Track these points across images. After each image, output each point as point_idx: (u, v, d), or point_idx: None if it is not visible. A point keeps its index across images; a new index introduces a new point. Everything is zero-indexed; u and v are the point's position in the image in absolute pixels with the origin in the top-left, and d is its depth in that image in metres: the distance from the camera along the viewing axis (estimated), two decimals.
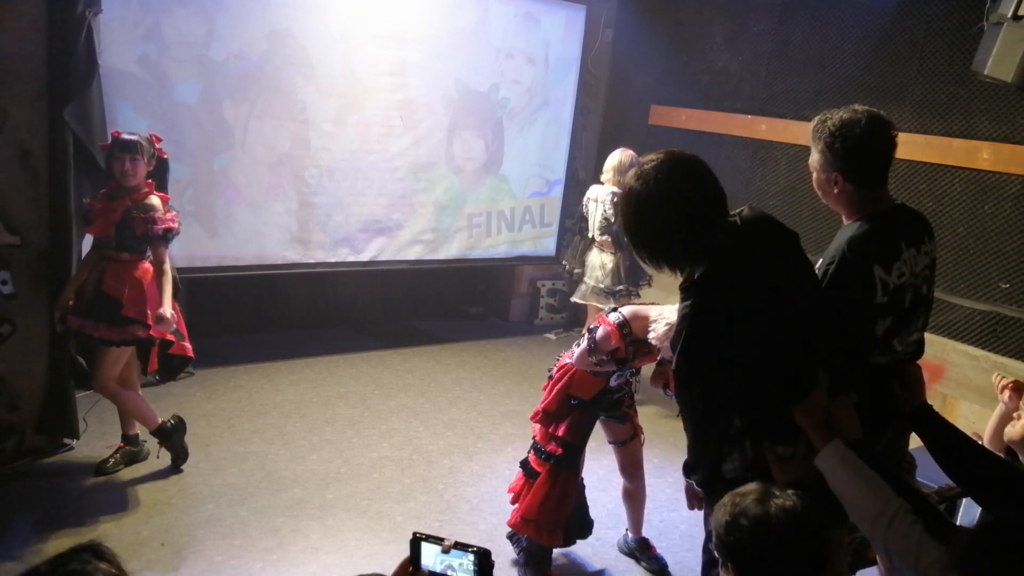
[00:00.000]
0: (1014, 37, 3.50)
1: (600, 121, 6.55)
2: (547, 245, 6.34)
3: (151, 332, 3.42)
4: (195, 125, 4.61)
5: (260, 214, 4.95)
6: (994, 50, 3.57)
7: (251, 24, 4.63)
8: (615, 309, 2.91)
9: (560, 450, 2.95)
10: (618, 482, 3.34)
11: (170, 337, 3.52)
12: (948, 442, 1.92)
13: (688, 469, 2.06)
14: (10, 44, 3.39)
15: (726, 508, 1.50)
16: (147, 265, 3.44)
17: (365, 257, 5.43)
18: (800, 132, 4.99)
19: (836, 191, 2.17)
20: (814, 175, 2.25)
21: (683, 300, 1.91)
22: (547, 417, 3.02)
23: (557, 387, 3.01)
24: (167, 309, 3.38)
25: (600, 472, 3.86)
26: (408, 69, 5.24)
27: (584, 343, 2.90)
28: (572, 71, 6.06)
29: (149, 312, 3.39)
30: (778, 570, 1.45)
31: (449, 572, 1.35)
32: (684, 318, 1.89)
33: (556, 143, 6.16)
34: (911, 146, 4.06)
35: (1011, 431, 1.99)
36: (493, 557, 1.35)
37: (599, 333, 2.84)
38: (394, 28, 5.11)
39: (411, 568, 1.37)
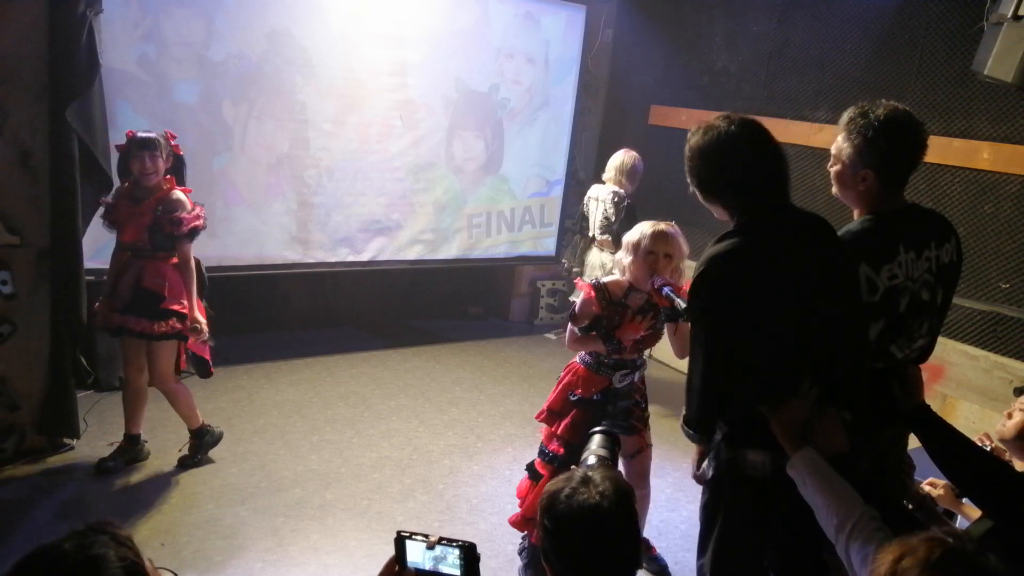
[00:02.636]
0: (1014, 37, 3.50)
1: (600, 121, 6.55)
2: (547, 245, 6.35)
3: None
4: (195, 125, 4.61)
5: (260, 214, 4.95)
6: (994, 50, 3.56)
7: (251, 24, 4.63)
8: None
9: (562, 450, 2.94)
10: None
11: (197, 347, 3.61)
12: (945, 442, 1.92)
13: (686, 422, 2.05)
14: (11, 44, 3.40)
15: (544, 497, 1.46)
16: (176, 259, 3.52)
17: (365, 257, 5.43)
18: (800, 132, 4.99)
19: (861, 188, 2.12)
20: (836, 167, 2.18)
21: (713, 243, 1.97)
22: (551, 415, 3.04)
23: (560, 385, 3.05)
24: (199, 315, 3.50)
25: None
26: (408, 69, 5.24)
27: (568, 321, 2.98)
28: (572, 71, 6.06)
29: (187, 304, 3.48)
30: (574, 565, 1.41)
31: (437, 568, 1.35)
32: (704, 260, 1.94)
33: (556, 143, 6.16)
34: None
35: (1003, 430, 1.98)
36: (491, 556, 1.36)
37: (580, 297, 2.94)
38: (394, 28, 5.11)
39: (397, 567, 1.38)
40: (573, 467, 1.56)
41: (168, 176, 3.46)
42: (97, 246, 4.22)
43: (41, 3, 3.46)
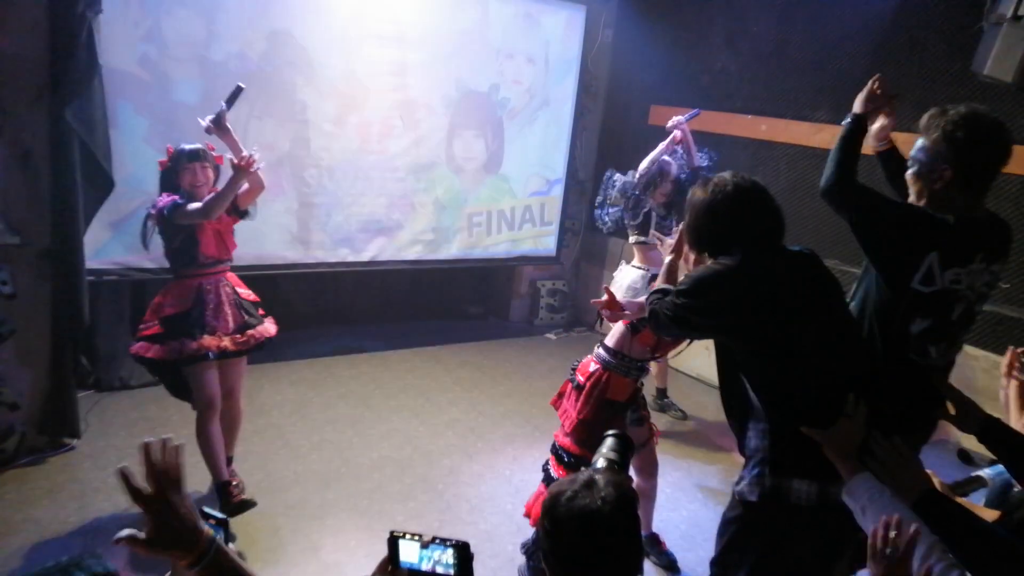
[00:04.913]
0: (1014, 37, 3.50)
1: (600, 121, 6.55)
2: (547, 244, 6.35)
3: None
4: (195, 125, 4.58)
5: (260, 214, 4.91)
6: (994, 50, 3.57)
7: (251, 24, 4.63)
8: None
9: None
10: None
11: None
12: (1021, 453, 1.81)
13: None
14: (11, 44, 3.40)
15: (547, 498, 1.44)
16: None
17: (365, 257, 5.43)
18: (800, 132, 4.99)
19: (938, 186, 2.06)
20: (914, 167, 2.13)
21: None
22: (586, 428, 2.86)
23: (592, 395, 2.89)
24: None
25: None
26: (408, 69, 5.24)
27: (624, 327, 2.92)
28: (572, 71, 6.06)
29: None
30: (571, 568, 1.40)
31: (431, 568, 1.35)
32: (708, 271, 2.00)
33: (556, 143, 6.16)
34: (912, 146, 4.07)
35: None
36: (491, 556, 1.36)
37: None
38: (394, 28, 5.11)
39: (389, 567, 1.38)
40: (582, 467, 1.55)
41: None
42: (97, 246, 4.23)
43: (41, 3, 3.47)
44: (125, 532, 1.11)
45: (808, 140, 4.91)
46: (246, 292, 3.43)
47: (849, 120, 2.30)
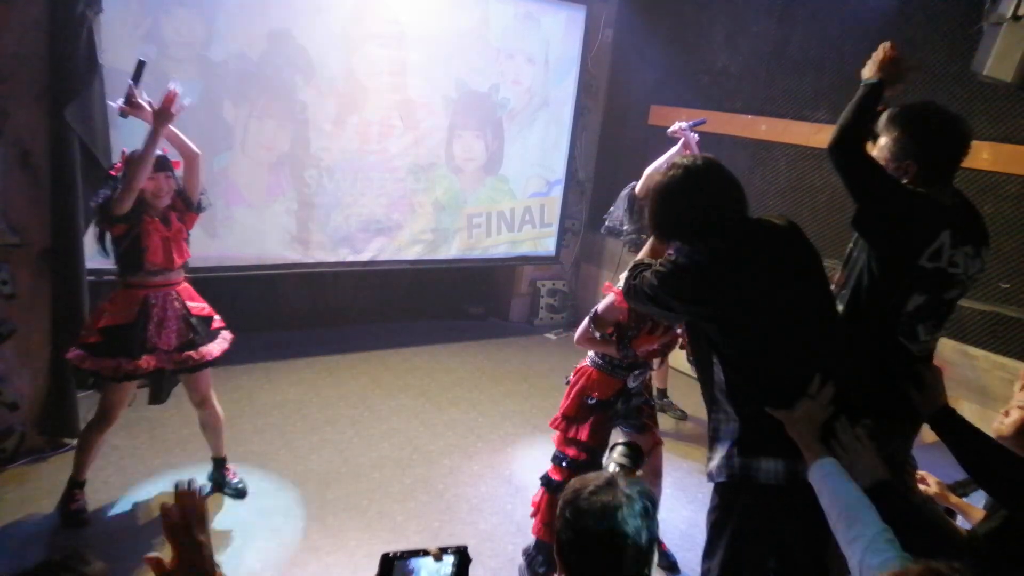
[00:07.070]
0: (1014, 37, 3.49)
1: (600, 121, 6.55)
2: (547, 245, 6.35)
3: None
4: (195, 125, 4.59)
5: (260, 214, 4.95)
6: (994, 50, 3.56)
7: (251, 24, 4.63)
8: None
9: (584, 455, 2.89)
10: None
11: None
12: (973, 447, 1.83)
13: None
14: (11, 44, 3.40)
15: (567, 491, 1.46)
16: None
17: (365, 257, 5.44)
18: (800, 132, 4.99)
19: (904, 181, 2.10)
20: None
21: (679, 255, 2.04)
22: (567, 422, 2.97)
23: (574, 390, 2.99)
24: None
25: None
26: (408, 69, 5.24)
27: (587, 318, 2.91)
28: (572, 71, 6.06)
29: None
30: (590, 568, 1.41)
31: None
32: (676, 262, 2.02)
33: (556, 143, 6.16)
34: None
35: (1000, 428, 1.94)
36: (491, 556, 1.36)
37: (605, 300, 2.85)
38: (394, 28, 5.11)
39: None
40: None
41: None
42: (97, 246, 4.22)
43: (41, 3, 3.47)
44: (154, 554, 1.18)
45: (808, 140, 4.91)
46: (198, 306, 3.30)
47: (865, 89, 2.16)
